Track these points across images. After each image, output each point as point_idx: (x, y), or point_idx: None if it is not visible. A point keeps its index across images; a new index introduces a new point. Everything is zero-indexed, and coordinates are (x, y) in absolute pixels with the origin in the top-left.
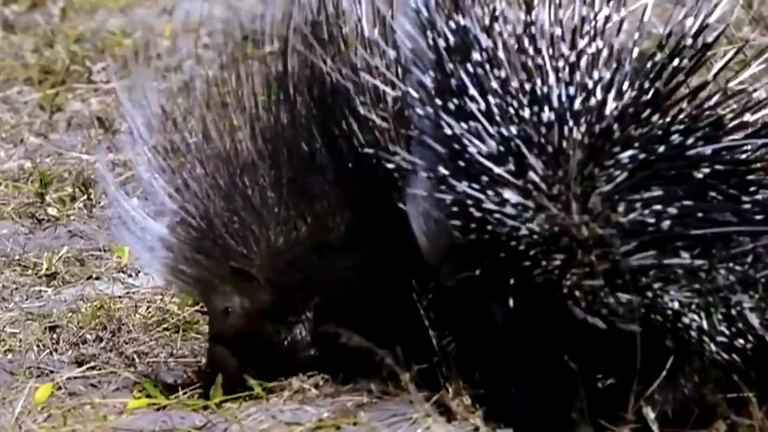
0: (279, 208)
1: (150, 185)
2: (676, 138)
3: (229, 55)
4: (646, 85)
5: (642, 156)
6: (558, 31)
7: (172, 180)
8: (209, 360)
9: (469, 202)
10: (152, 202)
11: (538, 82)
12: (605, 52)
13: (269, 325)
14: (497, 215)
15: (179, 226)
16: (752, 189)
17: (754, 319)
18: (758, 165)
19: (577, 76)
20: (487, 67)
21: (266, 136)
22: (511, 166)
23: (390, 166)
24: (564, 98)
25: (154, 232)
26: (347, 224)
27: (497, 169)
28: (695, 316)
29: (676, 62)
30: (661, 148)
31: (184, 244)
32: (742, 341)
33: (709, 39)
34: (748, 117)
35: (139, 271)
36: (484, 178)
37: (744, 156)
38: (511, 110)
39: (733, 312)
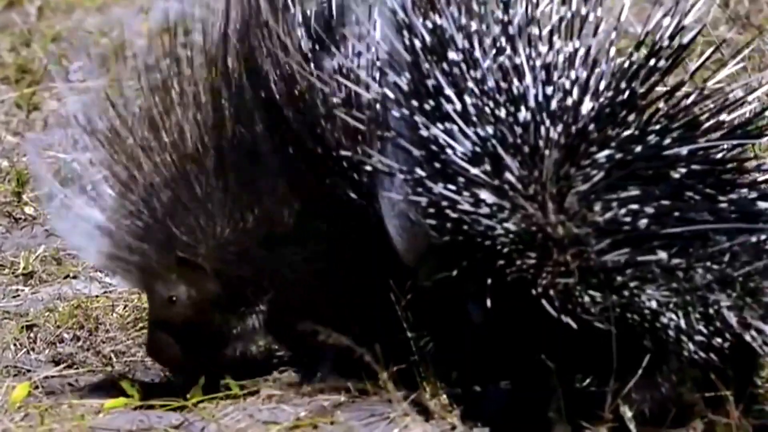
0: (225, 199)
1: (88, 173)
2: (652, 138)
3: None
4: (623, 85)
5: (619, 156)
6: (535, 31)
7: (113, 168)
8: (149, 347)
9: (445, 203)
10: (91, 191)
11: (515, 81)
12: (582, 52)
13: (218, 315)
14: (473, 216)
15: (120, 213)
16: (728, 188)
17: (731, 318)
18: (734, 164)
19: (554, 76)
20: (464, 67)
21: (211, 127)
22: (487, 167)
23: (345, 164)
24: (540, 98)
25: (91, 219)
26: (297, 218)
27: (473, 170)
28: (673, 316)
29: (652, 62)
30: (638, 148)
31: (124, 232)
32: (719, 340)
33: (686, 39)
34: (724, 116)
35: None
36: (461, 179)
37: (720, 155)
38: (487, 110)
39: (711, 311)
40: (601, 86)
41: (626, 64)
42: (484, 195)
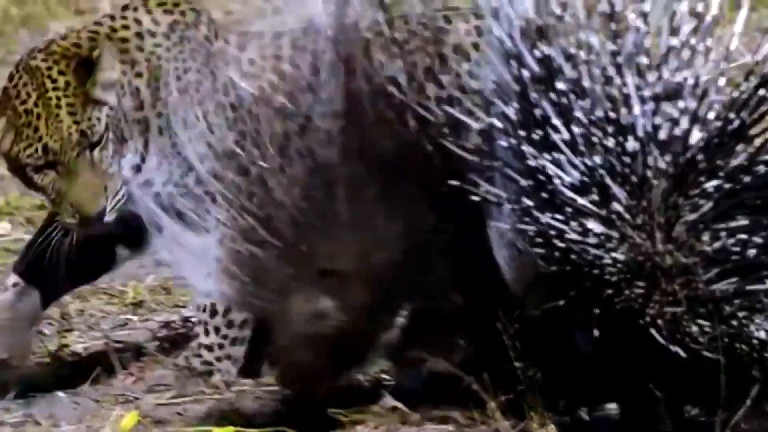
0: (365, 209)
1: (203, 201)
2: (761, 168)
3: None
4: (732, 114)
5: (727, 185)
6: (644, 60)
7: (235, 189)
8: (287, 369)
9: (553, 233)
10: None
11: (623, 111)
12: (691, 82)
13: (365, 327)
14: (581, 245)
15: (244, 236)
16: None
17: None
18: None
19: (663, 106)
20: (572, 96)
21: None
22: (595, 197)
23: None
24: (649, 128)
25: (203, 248)
26: (434, 235)
27: (581, 200)
28: None
29: (762, 91)
30: (747, 178)
31: (250, 255)
32: None
33: None
34: None
35: None
36: (568, 209)
37: None
38: (596, 140)
39: None
40: (710, 116)
41: (735, 94)
42: (592, 225)
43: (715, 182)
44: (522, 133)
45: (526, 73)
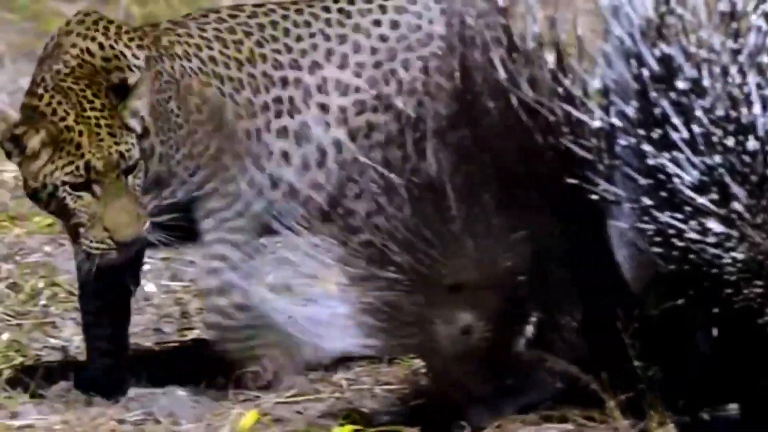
0: (485, 217)
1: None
2: None
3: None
4: None
5: None
6: (765, 60)
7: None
8: (454, 395)
9: (671, 232)
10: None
11: (744, 110)
12: None
13: (507, 334)
14: (699, 245)
15: (370, 285)
16: None
17: None
18: None
19: None
20: (692, 95)
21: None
22: (714, 196)
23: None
24: None
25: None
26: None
27: (700, 199)
28: None
29: None
30: None
31: (381, 300)
32: None
33: None
34: None
35: None
36: (687, 208)
37: None
38: (715, 139)
39: None
40: None
41: None
42: (711, 224)
43: None
44: (641, 132)
45: (645, 72)
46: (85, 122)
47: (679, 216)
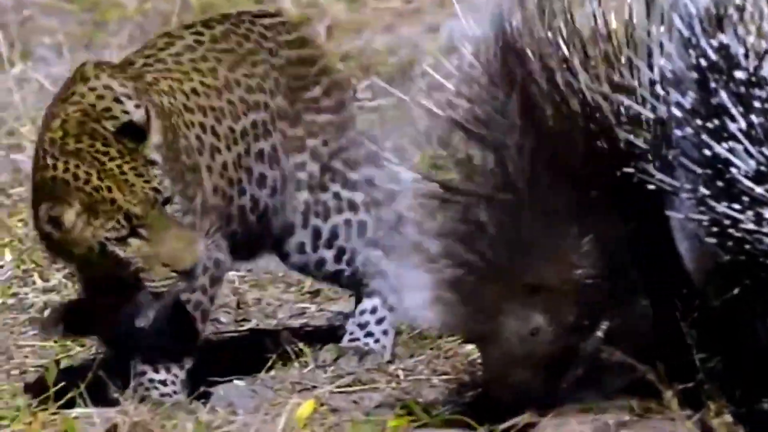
0: (562, 217)
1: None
2: None
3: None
4: None
5: None
6: None
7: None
8: (510, 387)
9: (728, 222)
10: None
11: None
12: None
13: (575, 339)
14: (756, 235)
15: (456, 264)
16: None
17: None
18: None
19: None
20: (750, 86)
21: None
22: None
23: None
24: None
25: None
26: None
27: (758, 189)
28: None
29: None
30: None
31: (464, 281)
32: None
33: None
34: None
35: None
36: (744, 198)
37: None
38: None
39: None
40: None
41: None
42: None
43: None
44: (699, 122)
45: (704, 63)
46: (109, 175)
47: (736, 206)
